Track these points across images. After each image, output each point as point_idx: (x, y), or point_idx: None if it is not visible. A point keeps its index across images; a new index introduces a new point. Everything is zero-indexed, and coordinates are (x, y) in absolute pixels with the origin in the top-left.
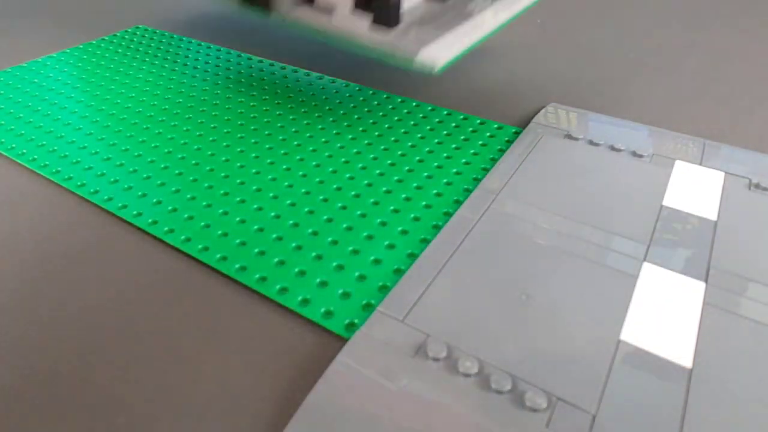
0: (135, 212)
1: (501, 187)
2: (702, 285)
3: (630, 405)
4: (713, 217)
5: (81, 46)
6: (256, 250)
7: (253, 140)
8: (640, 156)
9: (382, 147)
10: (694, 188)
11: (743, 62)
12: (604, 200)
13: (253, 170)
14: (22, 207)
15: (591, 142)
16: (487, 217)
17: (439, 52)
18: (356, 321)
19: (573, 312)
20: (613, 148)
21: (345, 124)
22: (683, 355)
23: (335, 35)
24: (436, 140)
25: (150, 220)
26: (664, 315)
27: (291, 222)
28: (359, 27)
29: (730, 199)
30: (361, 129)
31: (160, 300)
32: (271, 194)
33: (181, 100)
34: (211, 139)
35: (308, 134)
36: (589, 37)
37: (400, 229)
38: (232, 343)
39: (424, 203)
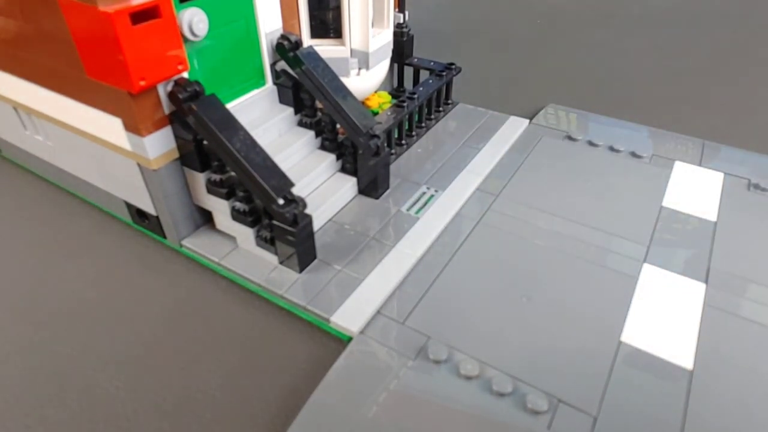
0: None
1: (501, 188)
2: (702, 286)
3: (631, 406)
4: (713, 218)
5: None
6: None
7: None
8: (640, 157)
9: None
10: (694, 189)
11: (743, 63)
12: (604, 201)
13: None
14: None
15: (590, 143)
16: (487, 218)
17: (353, 316)
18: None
19: (573, 314)
20: (612, 149)
21: None
22: (684, 357)
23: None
24: None
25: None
26: (665, 316)
27: None
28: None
29: (730, 199)
30: None
31: (156, 301)
32: None
33: None
34: None
35: None
36: (589, 37)
37: None
38: (231, 345)
39: None
